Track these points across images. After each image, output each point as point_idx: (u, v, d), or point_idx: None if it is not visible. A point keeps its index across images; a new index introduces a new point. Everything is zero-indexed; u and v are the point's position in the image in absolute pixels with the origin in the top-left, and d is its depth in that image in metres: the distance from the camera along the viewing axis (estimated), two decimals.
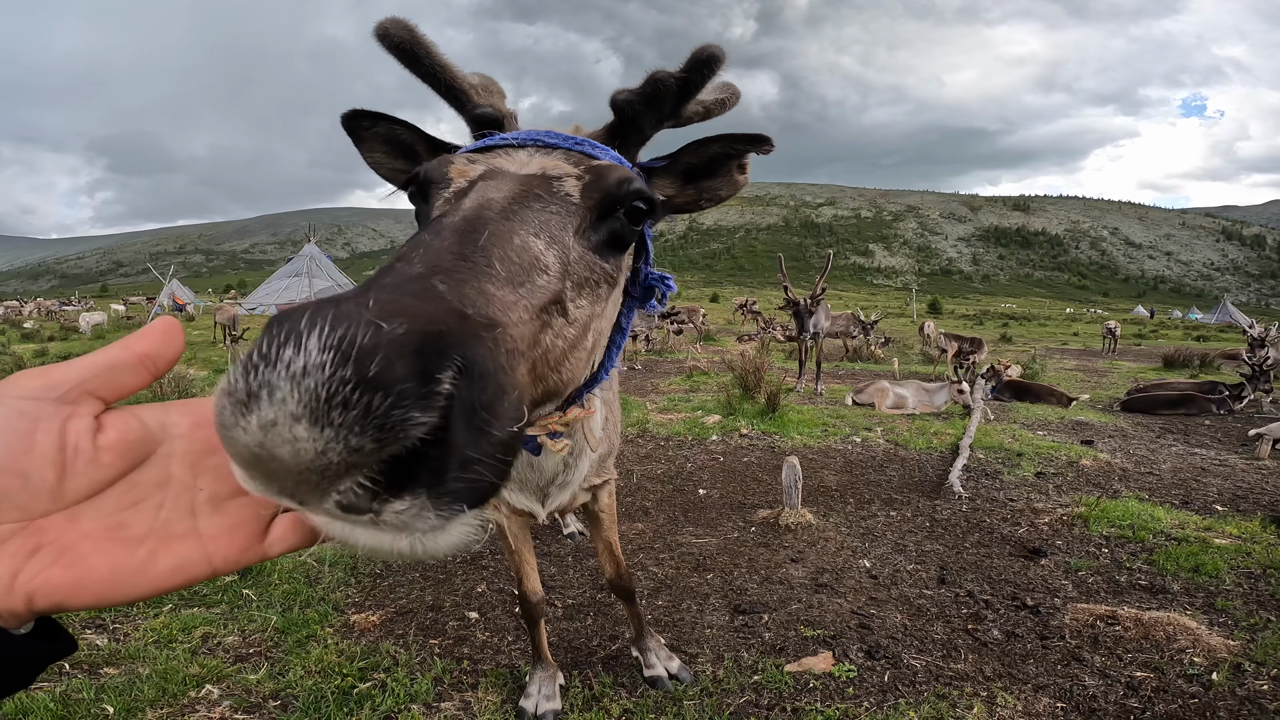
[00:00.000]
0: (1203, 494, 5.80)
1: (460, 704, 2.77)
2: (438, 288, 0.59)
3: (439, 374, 0.48)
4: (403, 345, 0.47)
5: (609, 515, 2.61)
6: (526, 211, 0.83)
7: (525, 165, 0.94)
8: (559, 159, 0.96)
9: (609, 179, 0.93)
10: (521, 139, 1.01)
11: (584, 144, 1.00)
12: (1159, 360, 18.37)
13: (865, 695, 2.85)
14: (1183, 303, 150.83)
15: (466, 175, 0.92)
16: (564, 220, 0.87)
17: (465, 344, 0.51)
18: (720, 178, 1.17)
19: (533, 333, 0.73)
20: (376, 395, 0.45)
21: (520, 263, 0.75)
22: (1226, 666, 3.01)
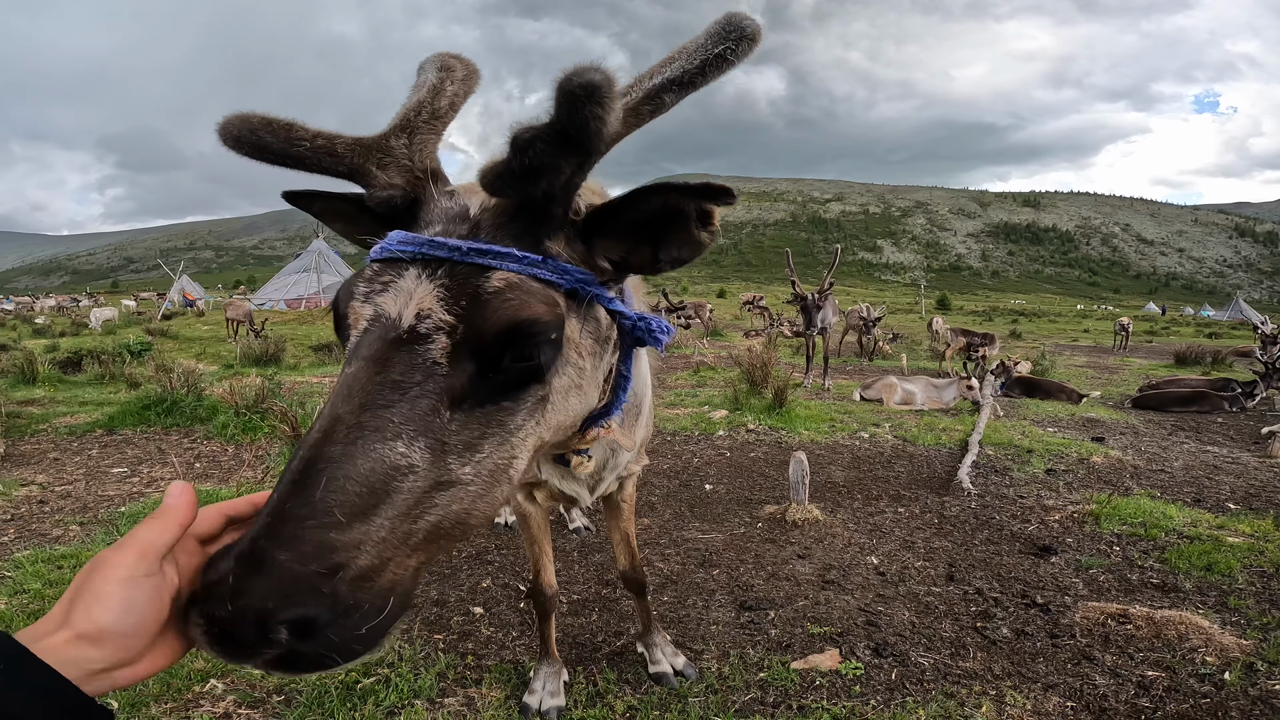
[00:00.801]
0: (1215, 492, 5.74)
1: (464, 699, 2.75)
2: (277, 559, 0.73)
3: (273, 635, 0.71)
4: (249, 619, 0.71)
5: (629, 505, 2.63)
6: (383, 414, 0.83)
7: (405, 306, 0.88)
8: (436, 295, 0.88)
9: (482, 329, 0.87)
10: (411, 250, 0.92)
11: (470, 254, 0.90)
12: (1170, 357, 18.25)
13: (872, 693, 2.82)
14: (1195, 300, 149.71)
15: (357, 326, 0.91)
16: (432, 400, 0.85)
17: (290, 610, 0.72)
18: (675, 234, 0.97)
19: (405, 530, 0.81)
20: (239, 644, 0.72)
21: (368, 488, 0.79)
22: (1239, 666, 2.96)
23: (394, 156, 1.01)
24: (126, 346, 14.80)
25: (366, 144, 1.00)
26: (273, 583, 0.72)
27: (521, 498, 2.32)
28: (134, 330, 22.24)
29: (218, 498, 4.97)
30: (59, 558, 3.93)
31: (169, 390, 8.13)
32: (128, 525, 4.50)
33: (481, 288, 0.88)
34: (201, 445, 6.89)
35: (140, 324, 25.85)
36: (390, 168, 1.01)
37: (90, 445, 6.90)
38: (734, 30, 0.91)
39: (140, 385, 9.60)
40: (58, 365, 12.55)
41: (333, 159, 0.98)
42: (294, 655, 0.74)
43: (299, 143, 0.96)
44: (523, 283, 0.91)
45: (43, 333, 23.85)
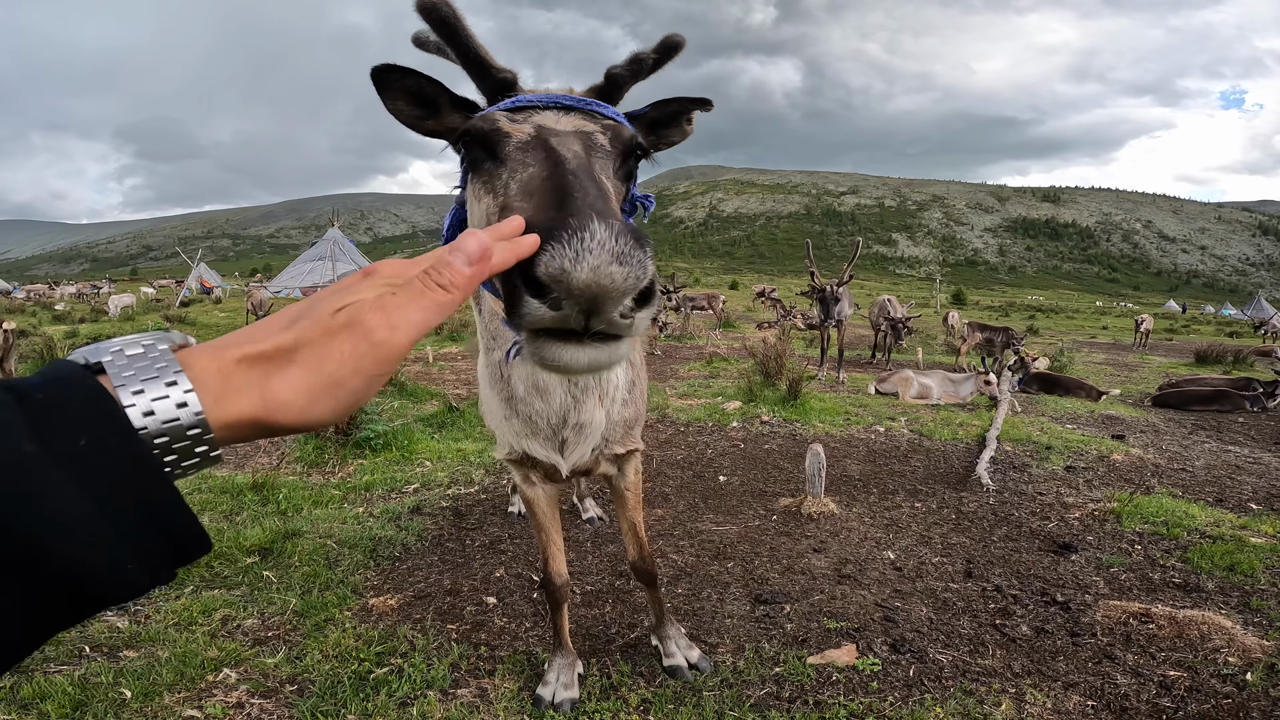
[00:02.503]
0: (1237, 492, 5.65)
1: (477, 690, 2.74)
2: (612, 208, 0.92)
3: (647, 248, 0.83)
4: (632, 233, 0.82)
5: (634, 494, 2.60)
6: (594, 159, 1.10)
7: (562, 123, 1.16)
8: (581, 119, 1.19)
9: (624, 135, 1.21)
10: (544, 100, 1.22)
11: (591, 104, 1.23)
12: (1191, 355, 17.99)
13: (890, 690, 2.78)
14: (1216, 298, 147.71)
15: (523, 131, 1.13)
16: (607, 164, 1.15)
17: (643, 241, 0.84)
18: (674, 127, 1.50)
19: None
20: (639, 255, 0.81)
21: (611, 195, 1.04)
22: (1261, 667, 2.90)
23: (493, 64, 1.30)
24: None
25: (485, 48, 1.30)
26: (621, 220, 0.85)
27: (520, 480, 2.38)
28: (152, 317, 22.45)
29: (234, 483, 4.99)
30: None
31: None
32: None
33: (604, 121, 1.21)
34: None
35: (158, 311, 26.09)
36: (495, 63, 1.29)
37: None
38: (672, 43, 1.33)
39: None
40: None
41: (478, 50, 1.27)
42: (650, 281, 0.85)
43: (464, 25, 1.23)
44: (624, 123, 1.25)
45: (62, 319, 24.11)
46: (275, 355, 0.54)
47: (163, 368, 0.51)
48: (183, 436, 0.50)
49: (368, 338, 0.55)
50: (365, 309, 0.56)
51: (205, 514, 4.52)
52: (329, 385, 0.54)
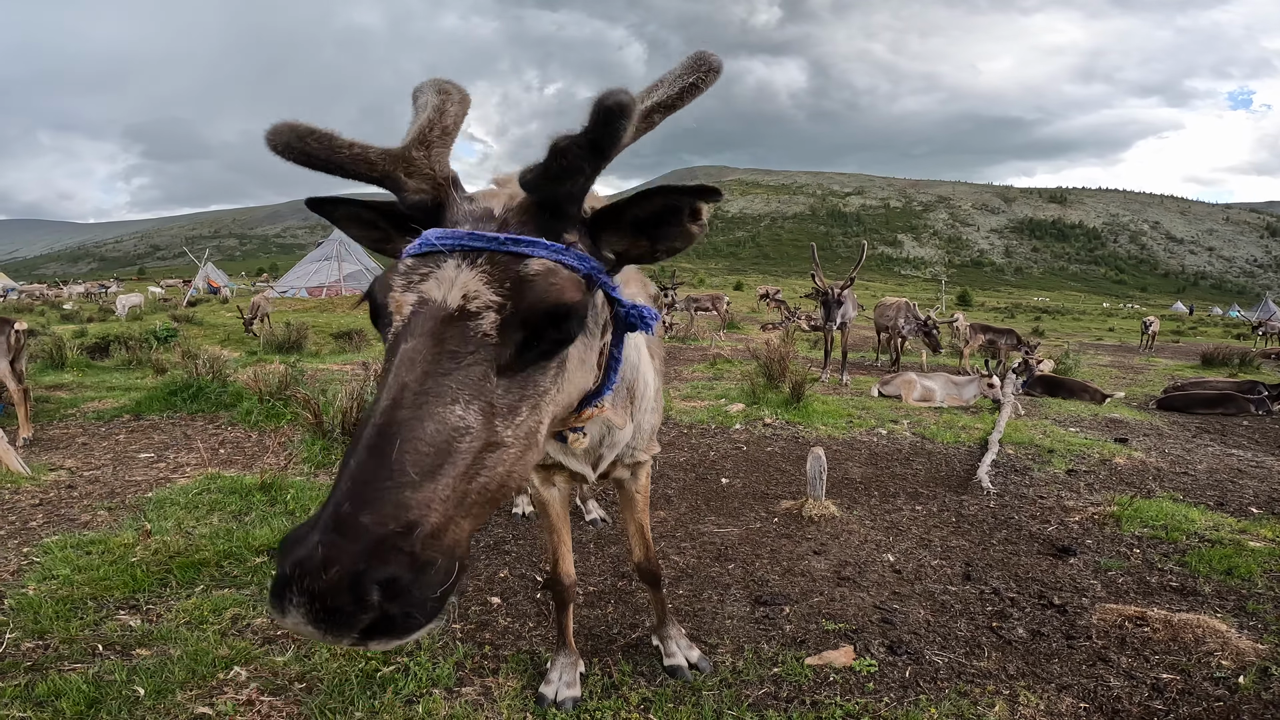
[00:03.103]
0: (1238, 496, 5.67)
1: (481, 689, 2.80)
2: (361, 522, 0.80)
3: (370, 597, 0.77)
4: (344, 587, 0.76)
5: (644, 496, 2.66)
6: (443, 381, 0.92)
7: (450, 290, 0.99)
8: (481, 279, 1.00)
9: (531, 306, 0.99)
10: (450, 243, 1.04)
11: (507, 243, 1.02)
12: (1197, 358, 17.94)
13: (886, 690, 2.83)
14: (1224, 299, 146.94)
15: (404, 307, 1.01)
16: (484, 368, 0.96)
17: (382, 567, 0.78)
18: (671, 228, 1.14)
19: (462, 490, 0.90)
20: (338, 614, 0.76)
21: (435, 449, 0.88)
22: (1254, 670, 2.94)
23: (417, 166, 1.11)
24: (153, 333, 15.05)
25: (394, 154, 1.09)
26: (363, 545, 0.78)
27: (539, 482, 2.39)
28: (160, 316, 22.59)
29: (242, 484, 5.06)
30: (87, 543, 4.02)
31: (194, 376, 8.27)
32: (154, 511, 4.61)
33: (523, 272, 1.00)
34: (226, 431, 7.01)
35: (166, 311, 26.25)
36: (415, 176, 1.11)
37: (118, 430, 7.04)
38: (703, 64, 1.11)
39: (166, 371, 9.76)
40: (86, 351, 12.79)
41: (368, 165, 1.07)
42: (384, 620, 0.80)
43: (339, 151, 1.05)
44: (556, 268, 1.03)
45: (71, 318, 24.28)
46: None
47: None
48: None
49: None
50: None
51: (214, 514, 4.59)
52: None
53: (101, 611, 3.30)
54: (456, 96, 1.20)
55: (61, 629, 3.11)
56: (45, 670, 2.80)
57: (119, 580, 3.56)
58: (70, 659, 2.90)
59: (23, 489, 5.07)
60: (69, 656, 2.92)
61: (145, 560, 3.77)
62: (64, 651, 2.95)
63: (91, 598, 3.41)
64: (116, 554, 3.86)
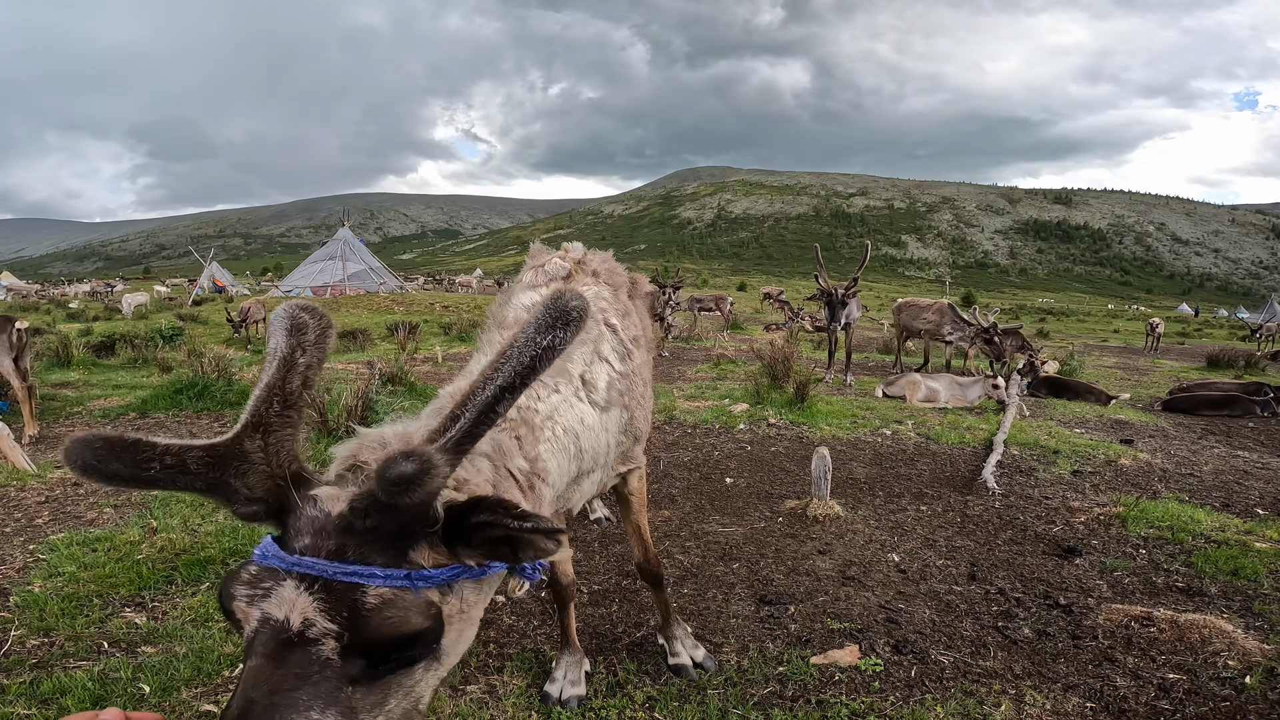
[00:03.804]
0: (1244, 497, 5.65)
1: (486, 687, 2.80)
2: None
3: None
4: None
5: (639, 499, 2.63)
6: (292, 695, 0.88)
7: (290, 611, 0.92)
8: (316, 607, 0.92)
9: (370, 638, 0.93)
10: (285, 565, 0.95)
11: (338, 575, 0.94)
12: (1202, 359, 17.88)
13: (891, 690, 2.82)
14: (1229, 301, 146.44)
15: (249, 622, 0.94)
16: (334, 683, 0.91)
17: None
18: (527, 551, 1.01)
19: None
20: None
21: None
22: (1260, 670, 2.93)
23: (251, 462, 0.99)
24: (158, 331, 15.11)
25: (220, 453, 0.97)
26: None
27: None
28: (165, 316, 22.65)
29: None
30: (93, 540, 4.03)
31: (200, 375, 8.30)
32: (160, 509, 4.62)
33: (360, 602, 0.93)
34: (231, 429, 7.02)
35: (171, 310, 26.32)
36: (249, 474, 0.99)
37: (123, 428, 7.05)
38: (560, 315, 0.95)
39: (172, 370, 9.80)
40: (92, 349, 12.84)
41: (187, 476, 0.95)
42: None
43: (148, 465, 0.92)
44: (397, 596, 0.95)
45: (77, 317, 24.37)
46: None
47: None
48: None
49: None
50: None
51: (219, 512, 4.60)
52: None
53: (107, 609, 3.30)
54: (313, 333, 1.07)
55: (67, 626, 3.12)
56: (50, 667, 2.80)
57: (125, 577, 3.57)
58: (75, 656, 2.91)
59: (29, 486, 5.09)
60: (74, 654, 2.92)
61: (151, 557, 3.78)
62: (69, 649, 2.96)
63: (97, 595, 3.42)
64: (122, 551, 3.87)
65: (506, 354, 0.96)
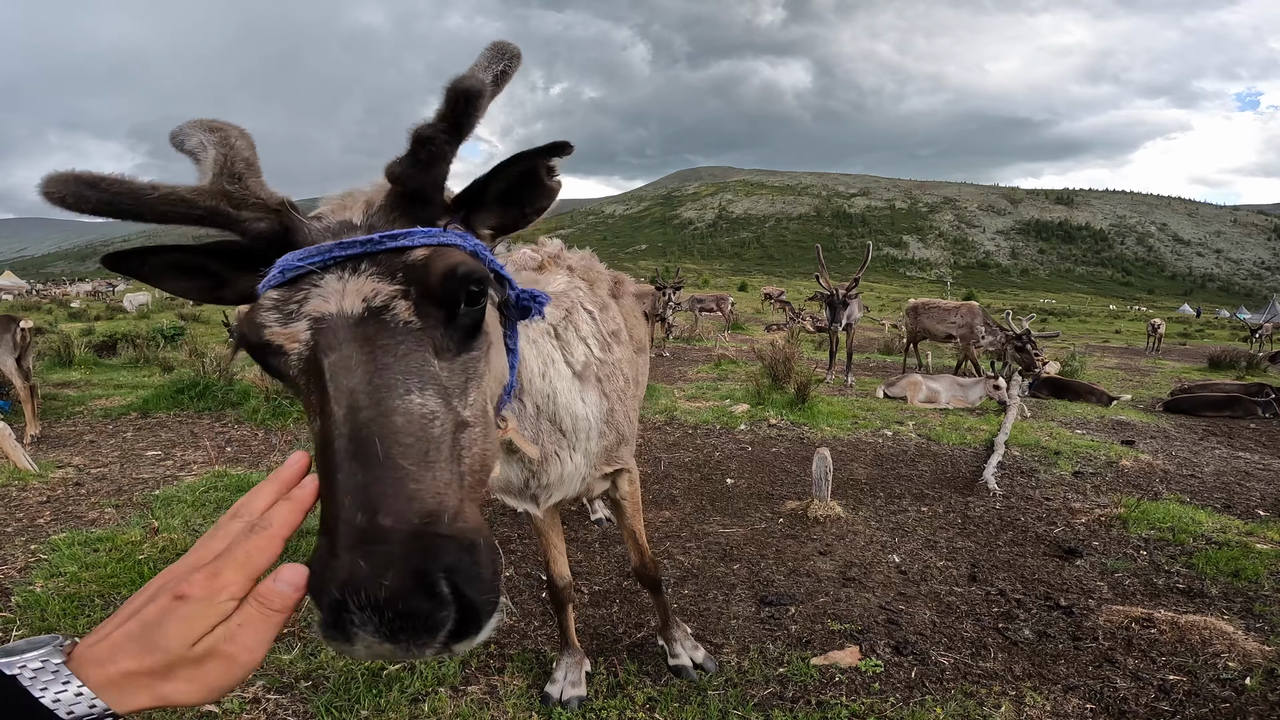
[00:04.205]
0: (1245, 498, 5.64)
1: (487, 688, 2.80)
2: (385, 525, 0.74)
3: (440, 590, 0.73)
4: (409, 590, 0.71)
5: (631, 503, 2.59)
6: (390, 379, 0.85)
7: (343, 300, 0.90)
8: (372, 278, 0.91)
9: (434, 279, 0.92)
10: (318, 259, 0.92)
11: (383, 242, 0.93)
12: (1204, 360, 17.86)
13: (891, 691, 2.82)
14: (1231, 302, 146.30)
15: (297, 339, 0.90)
16: (421, 351, 0.90)
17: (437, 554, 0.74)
18: (535, 190, 1.10)
19: (457, 472, 0.86)
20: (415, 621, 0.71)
21: (415, 439, 0.83)
22: (1260, 671, 2.93)
23: (241, 197, 0.97)
24: (160, 331, 15.12)
25: (207, 190, 0.95)
26: (404, 544, 0.73)
27: None
28: (167, 315, 22.68)
29: (249, 481, 5.08)
30: (94, 540, 4.04)
31: (201, 375, 8.31)
32: (161, 509, 4.62)
33: (409, 260, 0.93)
34: (233, 429, 7.03)
35: (173, 309, 26.35)
36: (243, 206, 0.96)
37: (125, 428, 7.07)
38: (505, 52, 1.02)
39: (174, 369, 9.80)
40: (93, 349, 12.85)
41: (184, 204, 0.92)
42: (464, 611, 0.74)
43: (144, 194, 0.88)
44: (441, 247, 0.97)
45: (78, 316, 24.39)
46: (152, 673, 0.66)
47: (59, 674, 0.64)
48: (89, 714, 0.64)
49: (232, 661, 0.69)
50: (220, 642, 0.68)
51: (221, 511, 4.61)
52: (209, 691, 0.68)
53: (108, 609, 3.31)
54: (235, 132, 1.05)
55: (68, 626, 3.12)
56: None
57: (126, 577, 3.57)
58: None
59: (30, 486, 5.09)
60: None
61: (152, 557, 3.79)
62: None
63: (98, 595, 3.42)
64: (123, 551, 3.88)
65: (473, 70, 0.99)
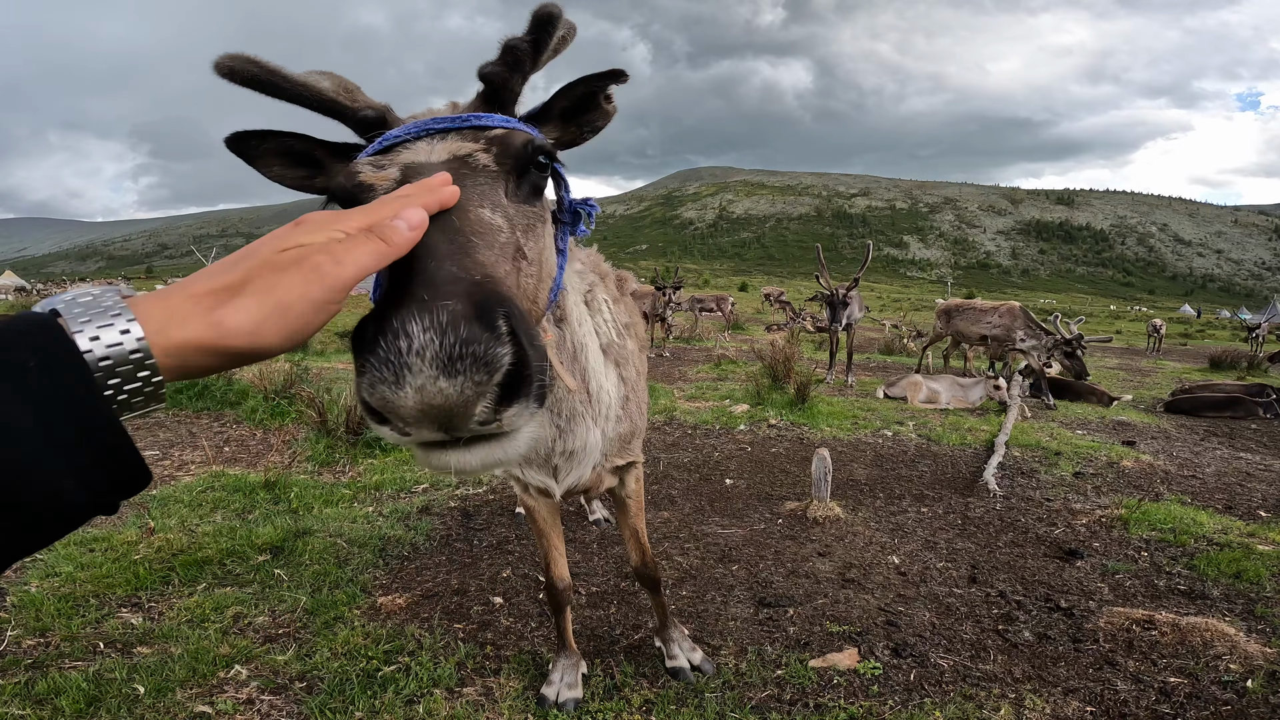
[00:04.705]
0: (1246, 499, 5.62)
1: (482, 689, 2.78)
2: (452, 271, 0.78)
3: (499, 322, 0.73)
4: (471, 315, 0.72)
5: (636, 501, 2.61)
6: (470, 195, 0.95)
7: (434, 153, 1.03)
8: (459, 140, 1.06)
9: (512, 145, 1.06)
10: (414, 130, 1.07)
11: (469, 120, 1.08)
12: (1205, 360, 17.84)
13: (890, 693, 2.80)
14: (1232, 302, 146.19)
15: (388, 178, 0.99)
16: (495, 188, 1.01)
17: (499, 299, 0.76)
18: (593, 111, 1.28)
19: (514, 277, 0.95)
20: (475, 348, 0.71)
21: (486, 232, 0.92)
22: (1262, 674, 2.91)
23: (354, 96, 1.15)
24: None
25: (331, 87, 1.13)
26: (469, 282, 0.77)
27: (518, 489, 2.36)
28: None
29: (246, 482, 5.06)
30: (90, 540, 4.02)
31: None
32: (158, 509, 4.61)
33: (489, 134, 1.07)
34: (231, 429, 7.01)
35: None
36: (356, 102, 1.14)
37: None
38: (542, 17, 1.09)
39: None
40: None
41: (316, 91, 1.09)
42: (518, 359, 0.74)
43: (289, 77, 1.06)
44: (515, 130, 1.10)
45: None
46: (222, 290, 0.60)
47: (109, 307, 0.57)
48: (125, 361, 0.56)
49: (316, 269, 0.63)
50: (313, 250, 0.64)
51: (218, 512, 4.59)
52: (277, 309, 0.61)
53: (103, 609, 3.29)
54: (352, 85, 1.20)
55: (63, 626, 3.11)
56: (46, 667, 2.79)
57: (121, 578, 3.56)
58: (71, 656, 2.90)
59: None
60: (70, 654, 2.91)
61: (148, 558, 3.77)
62: (65, 649, 2.95)
63: (94, 595, 3.41)
64: (119, 551, 3.86)
65: None
